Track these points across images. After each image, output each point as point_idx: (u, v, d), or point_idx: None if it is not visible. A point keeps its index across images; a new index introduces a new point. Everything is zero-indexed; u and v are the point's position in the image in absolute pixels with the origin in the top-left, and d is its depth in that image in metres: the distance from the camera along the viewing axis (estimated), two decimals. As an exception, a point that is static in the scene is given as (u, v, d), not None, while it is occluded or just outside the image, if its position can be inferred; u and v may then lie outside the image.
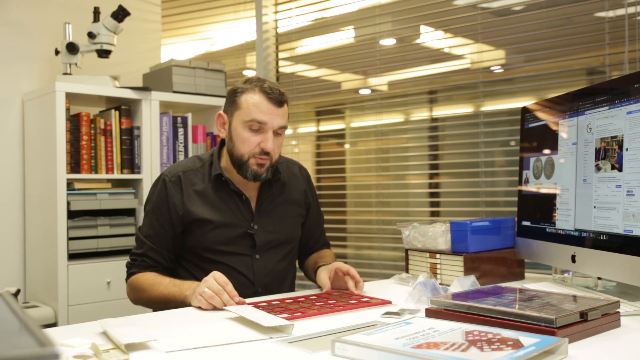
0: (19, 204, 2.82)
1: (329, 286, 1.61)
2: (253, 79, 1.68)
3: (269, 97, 1.63)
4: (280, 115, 1.65)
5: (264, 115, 1.62)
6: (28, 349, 0.54)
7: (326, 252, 1.92)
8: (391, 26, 2.85)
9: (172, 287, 1.56)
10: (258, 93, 1.63)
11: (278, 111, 1.64)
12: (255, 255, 1.71)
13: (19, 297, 2.63)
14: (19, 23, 2.86)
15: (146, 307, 1.73)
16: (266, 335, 1.15)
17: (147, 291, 1.61)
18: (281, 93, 1.65)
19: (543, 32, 2.37)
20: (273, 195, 1.78)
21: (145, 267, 1.68)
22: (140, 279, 1.65)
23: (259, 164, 1.65)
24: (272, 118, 1.63)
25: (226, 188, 1.71)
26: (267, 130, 1.63)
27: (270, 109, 1.63)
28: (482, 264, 1.69)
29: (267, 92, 1.63)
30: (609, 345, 1.05)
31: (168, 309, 1.51)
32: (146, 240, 1.69)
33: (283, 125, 1.66)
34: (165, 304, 1.55)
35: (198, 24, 3.51)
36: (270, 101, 1.63)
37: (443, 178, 2.76)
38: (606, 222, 1.41)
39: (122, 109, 2.76)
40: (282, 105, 1.65)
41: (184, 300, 1.50)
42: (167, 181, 1.70)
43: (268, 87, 1.64)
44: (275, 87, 1.65)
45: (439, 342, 0.95)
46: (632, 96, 1.36)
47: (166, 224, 1.68)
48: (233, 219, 1.70)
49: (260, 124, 1.62)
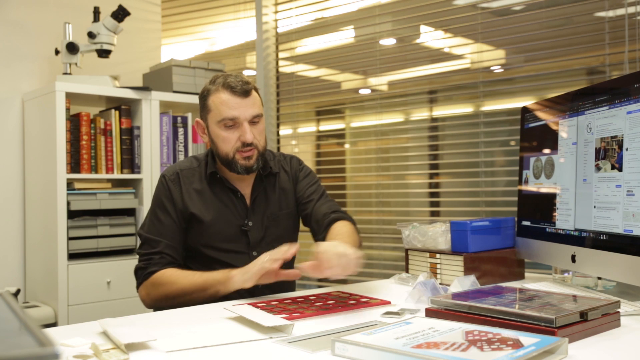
0: (19, 204, 2.82)
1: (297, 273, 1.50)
2: (217, 77, 1.70)
3: (234, 91, 1.65)
4: (250, 105, 1.66)
5: (234, 110, 1.65)
6: (28, 349, 0.54)
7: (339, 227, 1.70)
8: (391, 26, 2.85)
9: (208, 274, 1.55)
10: (222, 91, 1.66)
11: (246, 102, 1.66)
12: (253, 252, 1.72)
13: (19, 297, 2.63)
14: (19, 23, 2.86)
15: (167, 304, 1.62)
16: (266, 335, 1.15)
17: (177, 283, 1.59)
18: (245, 82, 1.67)
19: (543, 32, 2.37)
20: (265, 190, 1.79)
21: (164, 263, 1.66)
22: (165, 273, 1.63)
23: (245, 157, 1.67)
24: (242, 110, 1.65)
25: (221, 186, 1.74)
26: (242, 123, 1.65)
27: (237, 102, 1.65)
28: (482, 263, 1.69)
29: (231, 86, 1.65)
30: (609, 345, 1.05)
31: (196, 300, 1.53)
32: (161, 238, 1.67)
33: (256, 113, 1.67)
34: (201, 290, 1.54)
35: (198, 24, 3.51)
36: (235, 95, 1.65)
37: (443, 178, 2.76)
38: (606, 222, 1.41)
39: (122, 108, 2.76)
40: (248, 95, 1.67)
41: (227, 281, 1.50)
42: (167, 179, 1.73)
43: (231, 81, 1.66)
44: (239, 79, 1.67)
45: (439, 342, 0.95)
46: (632, 96, 1.36)
47: (174, 219, 1.69)
48: (229, 216, 1.72)
49: (232, 120, 1.65)
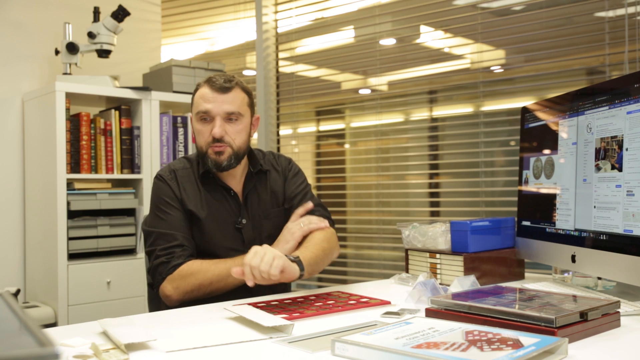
0: (19, 204, 2.82)
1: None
2: (210, 76, 1.73)
3: (212, 86, 1.68)
4: (227, 102, 1.68)
5: (208, 104, 1.67)
6: (28, 349, 0.54)
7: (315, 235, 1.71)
8: (391, 26, 2.86)
9: (232, 260, 1.58)
10: (203, 85, 1.70)
11: (223, 97, 1.67)
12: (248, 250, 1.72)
13: (19, 297, 2.63)
14: (19, 23, 2.86)
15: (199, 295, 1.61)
16: (266, 335, 1.15)
17: (209, 271, 1.59)
18: (227, 80, 1.69)
19: (543, 32, 2.37)
20: (256, 187, 1.79)
21: (187, 255, 1.65)
22: (193, 264, 1.62)
23: (216, 152, 1.68)
24: (217, 105, 1.67)
25: (214, 184, 1.75)
26: (214, 117, 1.67)
27: (213, 96, 1.67)
28: (482, 264, 1.69)
29: (212, 82, 1.69)
30: (609, 345, 1.05)
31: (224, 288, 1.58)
32: (176, 231, 1.67)
33: (230, 110, 1.68)
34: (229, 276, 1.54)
35: (198, 24, 3.51)
36: (213, 89, 1.68)
37: (443, 178, 2.76)
38: (606, 222, 1.41)
39: (122, 109, 2.76)
40: (226, 92, 1.68)
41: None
42: (164, 177, 1.74)
43: (214, 77, 1.69)
44: (224, 77, 1.70)
45: (439, 342, 0.95)
46: (632, 96, 1.36)
47: (182, 212, 1.70)
48: (224, 214, 1.73)
49: (206, 113, 1.68)
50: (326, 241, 1.69)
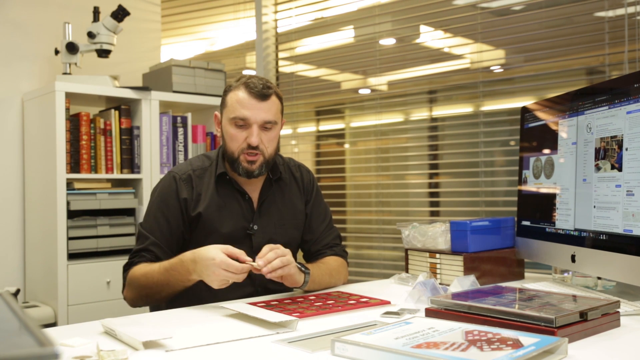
0: (18, 204, 2.82)
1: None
2: (243, 76, 1.69)
3: (251, 92, 1.63)
4: (265, 110, 1.63)
5: (246, 110, 1.62)
6: (28, 348, 0.54)
7: (327, 259, 1.78)
8: (391, 26, 2.86)
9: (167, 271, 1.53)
10: (241, 89, 1.64)
11: (261, 105, 1.63)
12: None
13: (18, 297, 2.63)
14: (19, 23, 2.86)
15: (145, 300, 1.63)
16: (272, 331, 1.16)
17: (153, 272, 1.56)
18: (266, 87, 1.64)
19: (543, 32, 2.37)
20: (274, 195, 1.77)
21: (143, 262, 1.63)
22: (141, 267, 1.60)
23: (248, 160, 1.64)
24: (255, 113, 1.62)
25: (230, 187, 1.71)
26: (251, 124, 1.63)
27: (252, 103, 1.62)
28: (482, 263, 1.69)
29: (250, 87, 1.63)
30: (609, 345, 1.05)
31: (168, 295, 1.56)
32: (150, 235, 1.66)
33: (268, 119, 1.64)
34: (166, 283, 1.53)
35: (198, 24, 3.51)
36: (252, 96, 1.62)
37: (443, 178, 2.76)
38: (606, 222, 1.41)
39: (122, 108, 2.76)
40: (265, 99, 1.63)
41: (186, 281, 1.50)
42: (177, 178, 1.70)
43: (251, 82, 1.64)
44: (260, 82, 1.65)
45: (439, 342, 0.95)
46: (631, 96, 1.36)
47: (173, 218, 1.67)
48: (235, 219, 1.70)
49: (243, 120, 1.63)
50: (336, 271, 1.75)
